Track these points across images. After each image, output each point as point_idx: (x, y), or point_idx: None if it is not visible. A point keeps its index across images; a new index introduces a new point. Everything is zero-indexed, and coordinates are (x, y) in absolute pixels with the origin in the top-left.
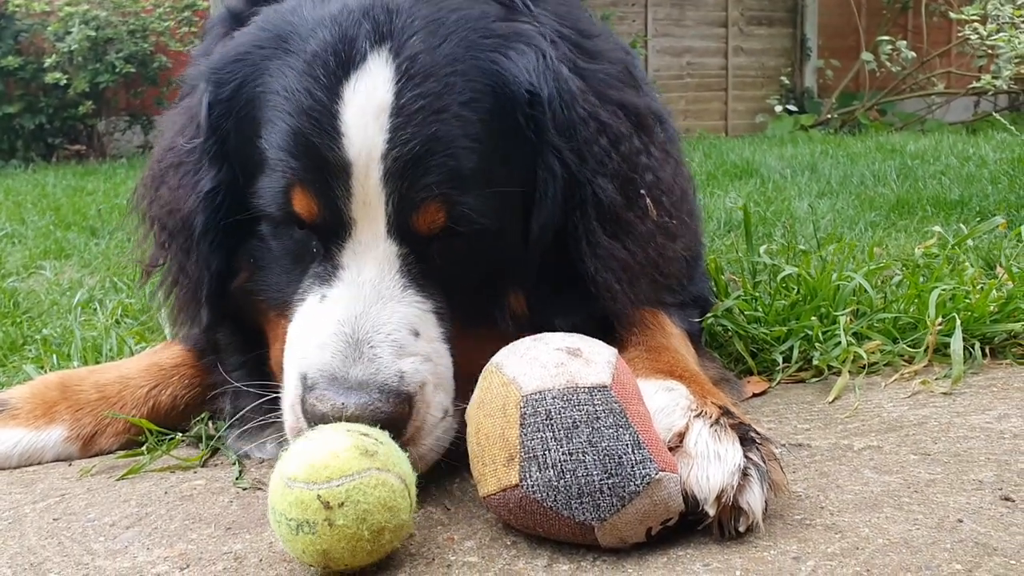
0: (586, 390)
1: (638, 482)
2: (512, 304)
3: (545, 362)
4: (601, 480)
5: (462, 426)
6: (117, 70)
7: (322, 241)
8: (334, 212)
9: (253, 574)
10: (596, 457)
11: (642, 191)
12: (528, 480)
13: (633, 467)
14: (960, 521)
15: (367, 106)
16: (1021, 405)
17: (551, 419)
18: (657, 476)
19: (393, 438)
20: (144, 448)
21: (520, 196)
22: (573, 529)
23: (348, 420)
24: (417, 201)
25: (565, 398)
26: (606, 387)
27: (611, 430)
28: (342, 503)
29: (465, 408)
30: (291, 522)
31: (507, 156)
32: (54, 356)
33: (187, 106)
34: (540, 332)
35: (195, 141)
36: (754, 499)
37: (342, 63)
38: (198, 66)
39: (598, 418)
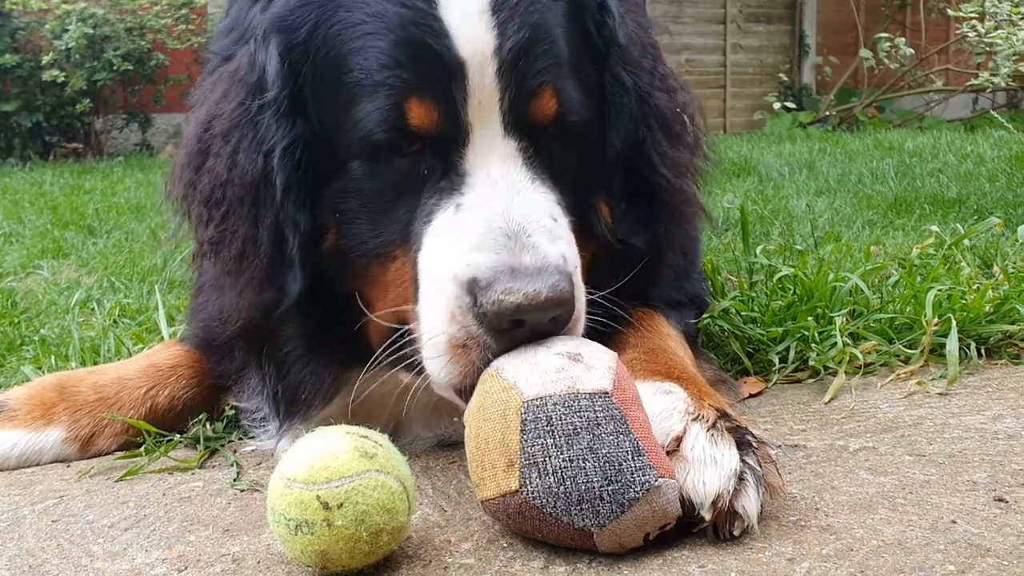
0: (587, 396)
1: (638, 489)
2: (603, 212)
3: (546, 367)
4: (601, 487)
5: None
6: (115, 68)
7: (440, 154)
8: (452, 117)
9: (251, 575)
10: (596, 464)
11: (677, 108)
12: (528, 486)
13: (633, 474)
14: (954, 522)
15: (468, 6)
16: (1016, 406)
17: (552, 425)
18: (656, 483)
19: (564, 321)
20: (143, 450)
21: (598, 99)
22: (572, 535)
23: (544, 304)
24: (532, 89)
25: (566, 404)
26: (607, 393)
27: (611, 437)
28: (341, 504)
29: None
30: (290, 522)
31: (587, 58)
32: (52, 357)
33: (227, 72)
34: (625, 245)
35: (259, 99)
36: (750, 504)
37: None
38: (250, 22)
39: (599, 424)
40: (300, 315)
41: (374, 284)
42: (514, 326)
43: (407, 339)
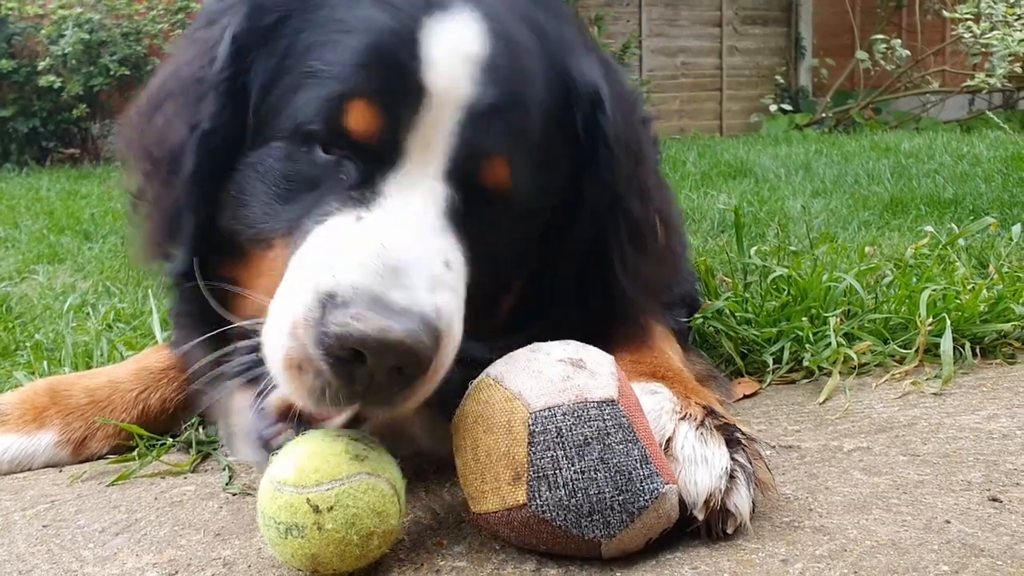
0: (595, 405)
1: (647, 497)
2: (514, 287)
3: (551, 376)
4: (612, 497)
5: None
6: (111, 73)
7: (364, 165)
8: (392, 137)
9: None
10: (607, 474)
11: (650, 217)
12: (537, 500)
13: (642, 482)
14: (948, 522)
15: (456, 47)
16: (1010, 405)
17: (562, 436)
18: (663, 490)
19: (413, 377)
20: (135, 454)
21: (558, 189)
22: (580, 545)
23: (391, 348)
24: (488, 152)
25: (575, 414)
26: (614, 401)
27: (621, 446)
28: (331, 507)
29: None
30: (280, 526)
31: (561, 146)
32: (45, 362)
33: (200, 38)
34: (512, 332)
35: (205, 71)
36: (741, 501)
37: (425, 5)
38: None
39: (608, 434)
40: (186, 291)
41: (247, 268)
42: (354, 359)
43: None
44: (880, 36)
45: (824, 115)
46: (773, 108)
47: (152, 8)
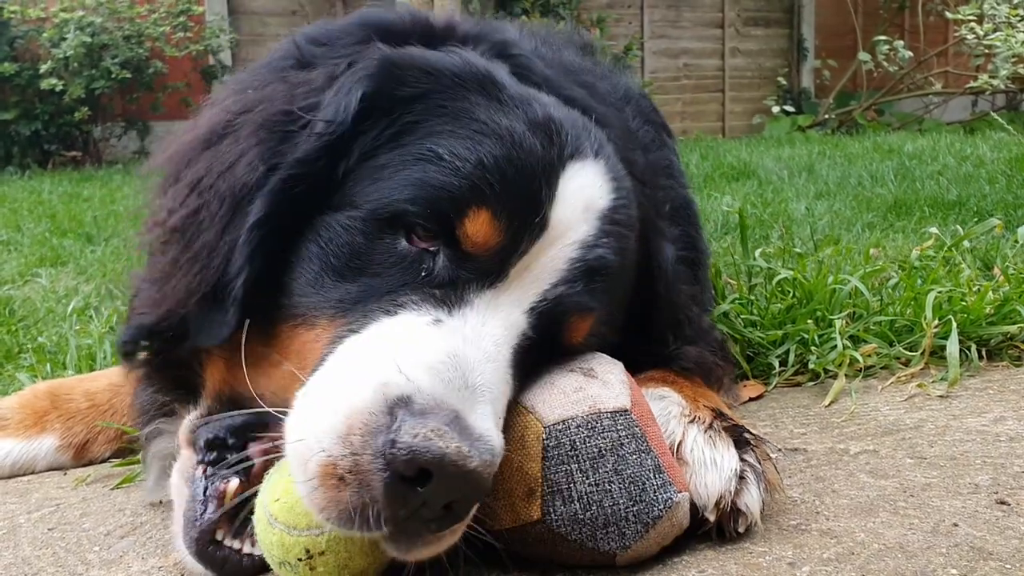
0: (609, 416)
1: (661, 507)
2: None
3: (564, 387)
4: (627, 508)
5: None
6: (113, 76)
7: (459, 271)
8: (501, 256)
9: None
10: (622, 486)
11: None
12: (552, 515)
13: (656, 492)
14: (956, 525)
15: (586, 192)
16: (1017, 407)
17: (576, 450)
18: (677, 499)
19: (462, 515)
20: (139, 457)
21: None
22: (594, 558)
23: (461, 474)
24: (581, 306)
25: (589, 426)
26: (627, 411)
27: (635, 456)
28: (323, 552)
29: None
30: (273, 557)
31: (626, 312)
32: (48, 365)
33: (292, 78)
34: None
35: (310, 115)
36: (752, 501)
37: (573, 144)
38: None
39: (622, 445)
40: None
41: (288, 343)
42: (418, 479)
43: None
44: (883, 37)
45: (827, 116)
46: (776, 110)
47: (154, 11)
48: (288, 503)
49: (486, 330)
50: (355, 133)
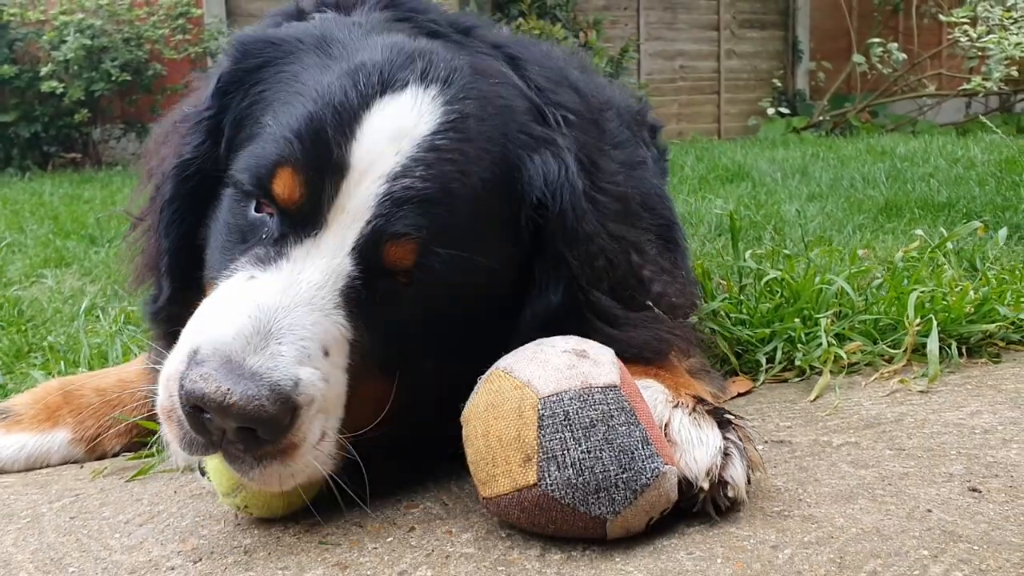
0: (600, 390)
1: (648, 476)
2: (439, 371)
3: (557, 365)
4: (617, 475)
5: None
6: (112, 78)
7: (281, 228)
8: (310, 206)
9: (263, 565)
10: (612, 454)
11: (648, 303)
12: (547, 479)
13: (643, 461)
14: (929, 511)
15: (393, 124)
16: (993, 402)
17: (569, 419)
18: (664, 469)
19: (263, 443)
20: (153, 450)
21: (496, 283)
22: (587, 524)
23: (227, 409)
24: (395, 232)
25: (581, 398)
26: (616, 386)
27: (624, 427)
28: (247, 506)
29: (344, 440)
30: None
31: (498, 242)
32: (62, 362)
33: (212, 74)
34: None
35: (196, 108)
36: (736, 473)
37: (383, 82)
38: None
39: (612, 416)
40: (160, 317)
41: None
42: (199, 412)
43: None
44: (877, 40)
45: (821, 118)
46: (771, 111)
47: (153, 14)
48: (216, 468)
49: (302, 277)
50: (221, 109)
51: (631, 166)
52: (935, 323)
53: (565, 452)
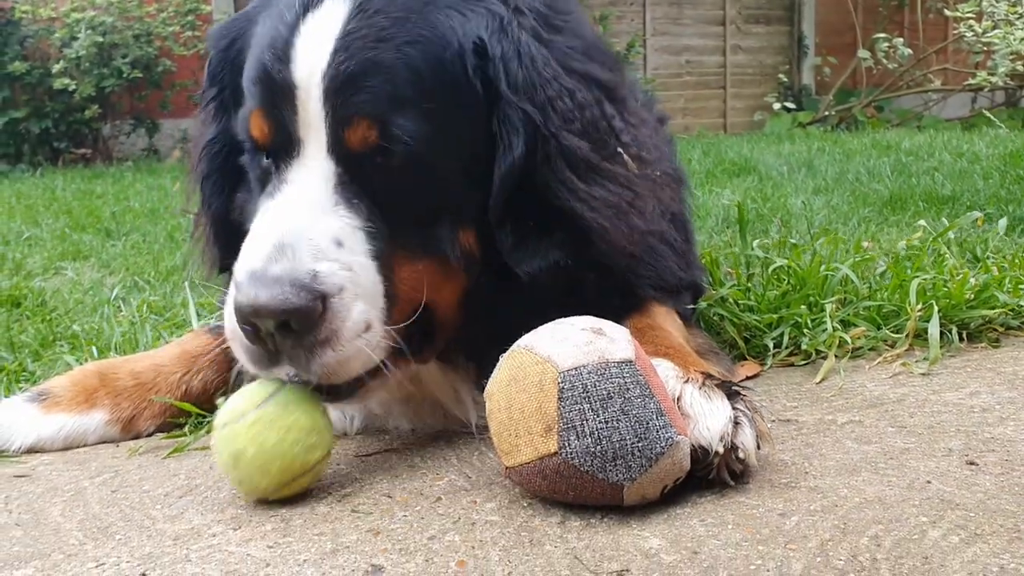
0: (616, 364)
1: (663, 444)
2: (462, 240)
3: (576, 341)
4: (632, 444)
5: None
6: (123, 75)
7: (274, 161)
8: (283, 133)
9: (299, 532)
10: (628, 424)
11: (619, 149)
12: (567, 447)
13: (658, 431)
14: (929, 482)
15: (316, 35)
16: (991, 383)
17: (587, 392)
18: (677, 439)
19: (305, 333)
20: (186, 429)
21: (469, 140)
22: (605, 490)
23: (259, 313)
24: (349, 117)
25: (599, 372)
26: (631, 361)
27: (639, 400)
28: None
29: (397, 330)
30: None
31: (453, 101)
32: (94, 348)
33: None
34: (498, 272)
35: (205, 96)
36: (747, 439)
37: (305, 3)
38: None
39: (628, 389)
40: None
41: None
42: (254, 327)
43: None
44: (882, 35)
45: (827, 113)
46: (776, 106)
47: (162, 10)
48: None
49: (300, 192)
50: (221, 89)
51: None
52: (936, 309)
53: (584, 422)
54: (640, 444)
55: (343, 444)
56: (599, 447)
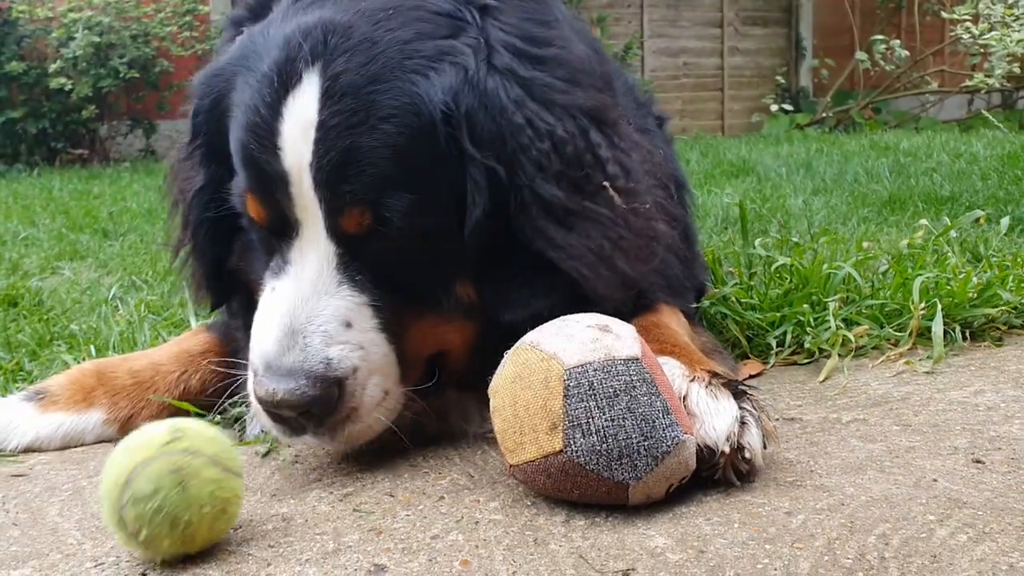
0: (622, 362)
1: (669, 443)
2: (459, 292)
3: (582, 339)
4: (638, 442)
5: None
6: (120, 75)
7: (275, 239)
8: (280, 216)
9: (300, 531)
10: (634, 422)
11: (604, 183)
12: (572, 445)
13: (664, 430)
14: (935, 480)
15: (298, 122)
16: (996, 382)
17: (593, 389)
18: (683, 438)
19: (326, 417)
20: None
21: (455, 200)
22: (610, 489)
23: (279, 405)
24: (341, 206)
25: (605, 369)
26: (638, 359)
27: (645, 398)
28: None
29: (411, 390)
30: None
31: (432, 167)
32: (92, 347)
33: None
34: (495, 319)
35: (191, 143)
36: (753, 439)
37: (283, 82)
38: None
39: (634, 387)
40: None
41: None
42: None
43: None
44: (879, 37)
45: (824, 115)
46: (774, 108)
47: (160, 11)
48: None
49: (304, 275)
50: (208, 138)
51: (639, 130)
52: (939, 307)
53: (590, 420)
54: (646, 443)
55: None
56: (605, 445)
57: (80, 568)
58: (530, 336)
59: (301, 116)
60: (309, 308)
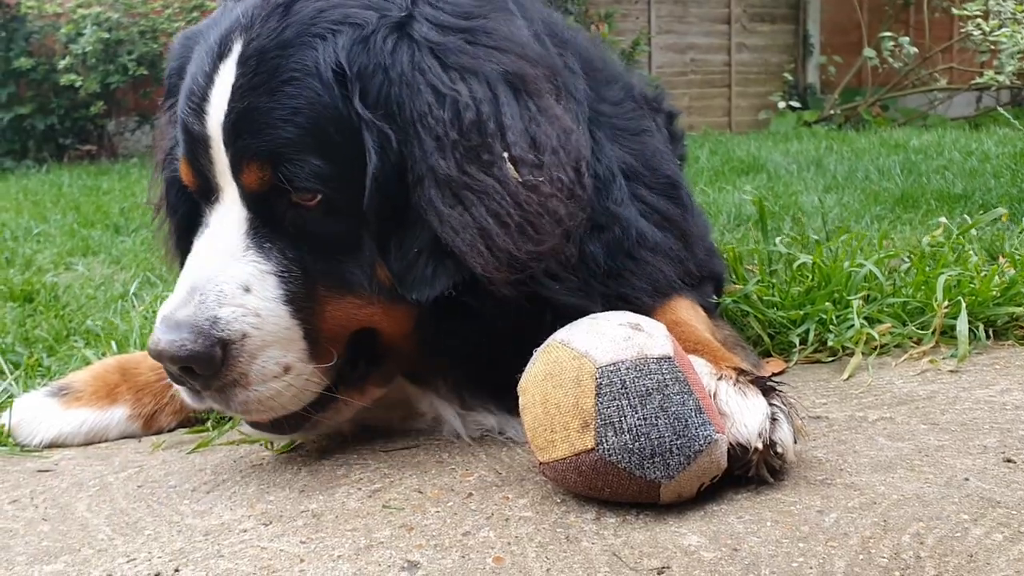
0: (655, 361)
1: (701, 442)
2: (379, 274)
3: (614, 336)
4: (671, 441)
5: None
6: (128, 71)
7: (203, 203)
8: (205, 180)
9: (331, 527)
10: (667, 421)
11: (504, 153)
12: (604, 444)
13: (697, 429)
14: (967, 479)
15: (221, 87)
16: (1022, 381)
17: (626, 388)
18: (715, 437)
19: (210, 377)
20: (208, 424)
21: (365, 174)
22: (641, 488)
23: (160, 356)
24: (240, 161)
25: (638, 368)
26: (670, 358)
27: (678, 396)
28: None
29: (327, 369)
30: None
31: (339, 136)
32: (113, 343)
33: None
34: (405, 297)
35: (165, 101)
36: (784, 435)
37: (220, 52)
38: None
39: (667, 386)
40: None
41: None
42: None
43: None
44: (888, 34)
45: (832, 112)
46: (782, 105)
47: (168, 7)
48: None
49: (215, 237)
50: (174, 101)
51: (631, 132)
52: (963, 305)
53: (622, 419)
54: (679, 441)
55: (365, 439)
56: (637, 444)
57: (113, 564)
58: (560, 334)
59: (223, 82)
60: (211, 269)
